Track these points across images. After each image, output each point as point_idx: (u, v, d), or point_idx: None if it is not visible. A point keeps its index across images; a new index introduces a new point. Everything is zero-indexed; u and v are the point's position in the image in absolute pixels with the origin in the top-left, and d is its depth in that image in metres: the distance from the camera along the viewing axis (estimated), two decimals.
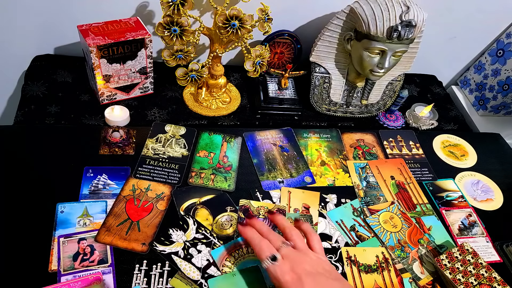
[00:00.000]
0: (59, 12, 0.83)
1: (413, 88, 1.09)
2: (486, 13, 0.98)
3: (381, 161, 0.83)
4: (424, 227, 0.71)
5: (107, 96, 0.81)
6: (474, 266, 0.63)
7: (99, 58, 0.73)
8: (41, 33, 0.87)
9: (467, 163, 0.88)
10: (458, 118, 1.03)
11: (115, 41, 0.72)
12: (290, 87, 0.91)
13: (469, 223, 0.74)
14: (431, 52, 1.07)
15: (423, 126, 0.94)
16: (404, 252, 0.66)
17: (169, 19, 0.71)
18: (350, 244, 0.66)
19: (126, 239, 0.60)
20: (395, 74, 0.91)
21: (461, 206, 0.77)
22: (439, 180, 0.82)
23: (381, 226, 0.70)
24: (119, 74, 0.79)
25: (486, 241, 0.71)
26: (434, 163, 0.86)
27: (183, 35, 0.74)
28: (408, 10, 0.72)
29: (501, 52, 1.01)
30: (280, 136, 0.83)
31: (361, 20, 0.74)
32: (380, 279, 0.62)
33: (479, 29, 1.02)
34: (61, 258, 0.57)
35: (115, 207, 0.64)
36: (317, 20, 0.93)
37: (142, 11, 0.86)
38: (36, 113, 0.78)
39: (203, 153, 0.76)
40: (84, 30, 0.73)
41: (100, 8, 0.84)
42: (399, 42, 0.74)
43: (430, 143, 0.91)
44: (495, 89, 1.02)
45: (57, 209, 0.62)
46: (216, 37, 0.78)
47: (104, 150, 0.72)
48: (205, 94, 0.87)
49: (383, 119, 0.94)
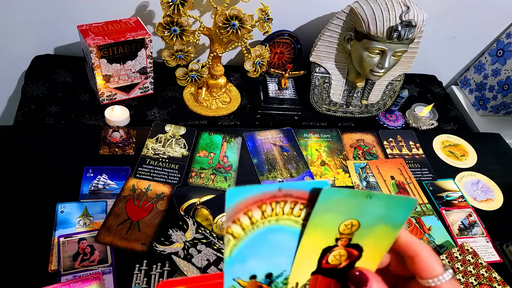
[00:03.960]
0: (59, 12, 0.83)
1: (413, 88, 1.09)
2: (486, 13, 0.98)
3: (381, 161, 0.83)
4: (424, 227, 0.71)
5: (107, 96, 0.81)
6: (474, 266, 0.63)
7: (99, 58, 0.73)
8: (41, 33, 0.87)
9: (467, 163, 0.88)
10: (458, 118, 1.03)
11: (115, 41, 0.72)
12: (290, 87, 0.91)
13: (469, 223, 0.74)
14: (431, 52, 1.07)
15: (423, 126, 0.94)
16: None
17: (169, 19, 0.71)
18: None
19: (126, 239, 0.60)
20: (395, 74, 0.91)
21: (461, 206, 0.77)
22: (439, 180, 0.82)
23: None
24: (119, 74, 0.79)
25: (486, 241, 0.71)
26: (434, 163, 0.86)
27: (183, 35, 0.74)
28: (408, 10, 0.72)
29: (501, 52, 1.01)
30: (280, 136, 0.83)
31: (361, 20, 0.74)
32: None
33: (479, 29, 1.02)
34: (61, 258, 0.57)
35: (115, 207, 0.64)
36: (317, 20, 0.93)
37: (142, 11, 0.86)
38: (36, 113, 0.77)
39: (203, 153, 0.76)
40: (84, 30, 0.73)
41: (100, 8, 0.84)
42: (399, 42, 0.74)
43: (430, 143, 0.91)
44: (495, 89, 1.02)
45: (57, 209, 0.62)
46: (216, 37, 0.78)
47: (104, 150, 0.72)
48: (205, 94, 0.87)
49: (383, 119, 0.94)
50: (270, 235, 0.29)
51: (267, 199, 0.28)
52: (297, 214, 0.29)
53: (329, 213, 0.28)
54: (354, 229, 0.30)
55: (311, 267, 0.31)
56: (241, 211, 0.27)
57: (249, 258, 0.29)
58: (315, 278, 0.31)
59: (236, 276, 0.29)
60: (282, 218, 0.28)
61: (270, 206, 0.28)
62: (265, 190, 0.27)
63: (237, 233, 0.28)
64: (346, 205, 0.28)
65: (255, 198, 0.27)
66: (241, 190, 0.27)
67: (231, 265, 0.28)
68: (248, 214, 0.28)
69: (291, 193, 0.28)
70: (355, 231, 0.30)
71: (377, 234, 0.30)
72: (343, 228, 0.29)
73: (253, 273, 0.30)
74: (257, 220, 0.28)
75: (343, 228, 0.29)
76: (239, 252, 0.28)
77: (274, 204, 0.28)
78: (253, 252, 0.29)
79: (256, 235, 0.28)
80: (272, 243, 0.29)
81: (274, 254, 0.30)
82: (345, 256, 0.31)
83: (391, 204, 0.28)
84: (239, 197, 0.27)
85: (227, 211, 0.27)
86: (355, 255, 0.31)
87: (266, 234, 0.29)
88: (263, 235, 0.29)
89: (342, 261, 0.31)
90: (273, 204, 0.28)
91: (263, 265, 0.30)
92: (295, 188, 0.28)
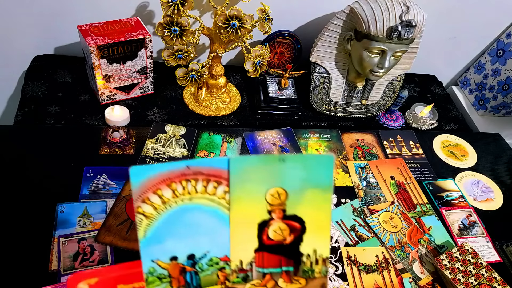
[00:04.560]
0: (59, 12, 0.83)
1: (413, 88, 1.09)
2: (486, 13, 0.98)
3: (381, 161, 0.83)
4: (424, 227, 0.71)
5: (107, 96, 0.81)
6: (474, 266, 0.63)
7: (99, 58, 0.73)
8: (41, 33, 0.87)
9: (467, 163, 0.88)
10: (458, 118, 1.03)
11: (115, 41, 0.72)
12: (290, 87, 0.91)
13: (469, 223, 0.74)
14: (431, 52, 1.07)
15: (423, 126, 0.94)
16: (404, 252, 0.66)
17: (169, 19, 0.71)
18: (350, 244, 0.66)
19: (126, 239, 0.60)
20: (395, 74, 0.91)
21: (461, 206, 0.77)
22: (439, 180, 0.82)
23: (381, 226, 0.69)
24: (119, 74, 0.79)
25: (486, 241, 0.71)
26: (434, 163, 0.86)
27: (183, 35, 0.74)
28: (408, 10, 0.72)
29: (501, 52, 1.01)
30: (280, 136, 0.83)
31: (361, 20, 0.74)
32: (380, 279, 0.62)
33: (479, 29, 1.02)
34: (61, 258, 0.57)
35: (115, 207, 0.64)
36: (317, 20, 0.93)
37: (142, 11, 0.86)
38: (36, 113, 0.77)
39: (203, 153, 0.76)
40: (84, 30, 0.73)
41: (100, 8, 0.84)
42: (399, 42, 0.74)
43: (430, 143, 0.91)
44: (495, 89, 1.02)
45: (57, 209, 0.62)
46: (216, 37, 0.78)
47: (104, 150, 0.72)
48: (205, 94, 0.87)
49: (383, 119, 0.94)
50: (186, 214, 0.28)
51: (176, 177, 0.27)
52: (211, 192, 0.28)
53: (248, 183, 0.28)
54: (283, 198, 0.29)
55: (252, 244, 0.30)
56: (149, 190, 0.27)
57: (167, 239, 0.28)
58: (261, 256, 0.31)
59: (154, 257, 0.29)
60: (196, 197, 0.28)
61: (181, 184, 0.28)
62: (172, 168, 0.27)
63: (149, 212, 0.28)
64: (263, 173, 0.28)
65: (163, 176, 0.27)
66: (146, 168, 0.27)
67: (148, 246, 0.28)
68: (158, 193, 0.27)
69: (200, 170, 0.28)
70: (285, 200, 0.29)
71: (310, 200, 0.29)
72: (271, 198, 0.29)
73: (173, 254, 0.29)
74: (169, 199, 0.28)
75: (271, 198, 0.29)
76: (154, 232, 0.28)
77: (184, 182, 0.28)
78: (170, 232, 0.28)
79: (171, 215, 0.28)
80: (190, 223, 0.29)
81: (193, 234, 0.29)
82: (287, 230, 0.31)
83: (308, 165, 0.28)
84: (145, 175, 0.27)
85: (133, 190, 0.27)
86: (298, 227, 0.31)
87: (182, 214, 0.28)
88: (178, 215, 0.28)
89: (285, 235, 0.31)
90: (184, 182, 0.28)
91: (183, 246, 0.29)
92: (204, 165, 0.28)
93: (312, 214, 0.30)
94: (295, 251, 0.31)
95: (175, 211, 0.28)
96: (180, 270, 0.29)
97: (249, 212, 0.29)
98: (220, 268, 0.30)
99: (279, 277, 0.31)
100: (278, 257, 0.31)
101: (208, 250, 0.30)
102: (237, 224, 0.29)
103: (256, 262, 0.31)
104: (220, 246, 0.30)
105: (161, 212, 0.28)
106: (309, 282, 0.31)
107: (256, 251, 0.31)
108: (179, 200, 0.28)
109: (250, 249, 0.31)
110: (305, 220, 0.30)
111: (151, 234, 0.28)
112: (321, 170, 0.28)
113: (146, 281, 0.28)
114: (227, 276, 0.30)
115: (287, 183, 0.29)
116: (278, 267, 0.31)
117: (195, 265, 0.30)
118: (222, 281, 0.30)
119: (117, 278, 0.30)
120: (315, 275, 0.31)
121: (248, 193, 0.29)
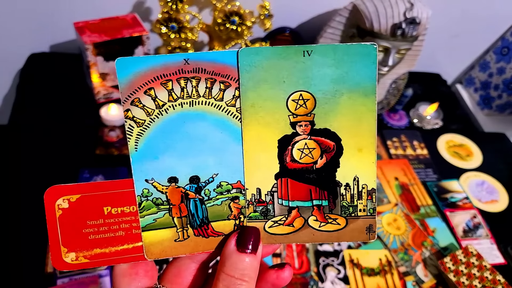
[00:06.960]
0: (55, 8, 0.82)
1: (417, 86, 1.07)
2: (491, 10, 0.97)
3: (385, 161, 0.81)
4: (428, 229, 0.70)
5: (103, 95, 0.80)
6: (478, 269, 0.62)
7: (95, 56, 0.72)
8: (37, 30, 0.85)
9: (472, 164, 0.86)
10: (463, 117, 1.01)
11: (111, 38, 0.71)
12: None
13: (474, 225, 0.73)
14: (436, 50, 1.05)
15: (427, 125, 0.92)
16: (407, 254, 0.65)
17: (167, 15, 0.70)
18: (352, 246, 0.65)
19: None
20: (399, 73, 0.89)
21: (466, 207, 0.76)
22: (443, 181, 0.80)
23: (384, 228, 0.68)
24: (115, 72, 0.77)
25: (490, 243, 0.70)
26: (439, 163, 0.84)
27: (181, 32, 0.72)
28: (412, 7, 0.70)
29: (506, 50, 0.99)
30: None
31: (364, 17, 0.73)
32: (383, 283, 0.61)
33: (484, 27, 1.01)
34: None
35: None
36: (319, 17, 0.92)
37: (139, 8, 0.84)
38: (31, 112, 0.76)
39: None
40: (80, 27, 0.71)
41: (96, 5, 0.82)
42: (403, 40, 0.73)
43: (435, 143, 0.89)
44: (500, 87, 1.01)
45: None
46: (215, 34, 0.76)
47: (100, 150, 0.71)
48: None
49: (387, 118, 0.93)
50: (187, 124, 0.22)
51: (172, 75, 0.22)
52: (217, 97, 0.22)
53: (263, 84, 0.21)
54: (310, 105, 0.22)
55: (271, 167, 0.23)
56: (140, 90, 0.22)
57: (163, 153, 0.23)
58: (284, 183, 0.23)
59: (148, 176, 0.23)
60: (199, 101, 0.22)
61: (179, 84, 0.22)
62: (167, 61, 0.22)
63: (140, 118, 0.22)
64: (282, 70, 0.21)
65: (156, 70, 0.22)
66: (136, 60, 0.22)
67: (140, 161, 0.22)
68: (150, 94, 0.22)
69: (202, 66, 0.22)
70: (312, 110, 0.22)
71: (347, 109, 0.22)
72: (293, 105, 0.22)
73: (172, 174, 0.23)
74: (164, 102, 0.22)
75: (293, 104, 0.22)
76: (148, 144, 0.22)
77: (183, 81, 0.22)
78: (167, 146, 0.23)
79: (168, 122, 0.22)
80: (192, 135, 0.23)
81: (196, 150, 0.23)
82: (318, 150, 0.23)
83: (342, 59, 0.21)
84: (134, 69, 0.22)
85: (121, 89, 0.22)
86: (331, 146, 0.23)
87: (181, 122, 0.22)
88: (177, 123, 0.22)
89: (315, 157, 0.23)
90: (182, 81, 0.22)
91: (184, 164, 0.23)
92: (207, 59, 0.21)
93: (350, 127, 0.22)
94: (329, 178, 0.23)
95: (173, 118, 0.22)
96: (182, 195, 0.23)
97: (266, 125, 0.22)
98: (233, 197, 0.23)
99: (309, 213, 0.23)
100: (307, 186, 0.23)
101: (216, 173, 0.23)
102: (252, 139, 0.23)
103: (278, 192, 0.23)
104: (232, 168, 0.22)
105: (155, 119, 0.22)
106: (350, 223, 0.23)
107: (277, 176, 0.23)
108: (176, 104, 0.22)
109: (269, 173, 0.23)
110: (341, 136, 0.23)
111: (143, 146, 0.22)
112: (361, 65, 0.21)
113: (140, 206, 0.22)
114: (242, 210, 0.23)
115: (314, 85, 0.22)
116: (307, 200, 0.23)
117: (201, 191, 0.23)
118: (236, 216, 0.23)
119: (103, 197, 0.23)
120: (358, 213, 0.23)
121: (263, 97, 0.22)
